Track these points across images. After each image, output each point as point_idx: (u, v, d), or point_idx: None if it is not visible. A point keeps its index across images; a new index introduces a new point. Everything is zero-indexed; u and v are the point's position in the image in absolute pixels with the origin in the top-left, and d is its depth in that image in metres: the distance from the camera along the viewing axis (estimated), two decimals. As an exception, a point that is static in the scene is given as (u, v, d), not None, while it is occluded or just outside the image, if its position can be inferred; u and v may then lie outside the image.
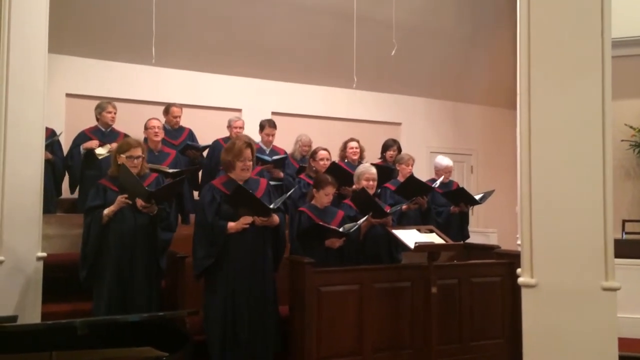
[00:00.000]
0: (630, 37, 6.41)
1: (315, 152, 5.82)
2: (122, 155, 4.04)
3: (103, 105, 5.98)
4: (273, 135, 6.38)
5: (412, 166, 6.06)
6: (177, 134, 6.41)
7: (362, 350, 4.37)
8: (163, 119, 6.43)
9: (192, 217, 5.61)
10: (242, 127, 6.45)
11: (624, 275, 3.32)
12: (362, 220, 4.59)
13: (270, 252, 4.13)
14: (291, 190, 4.88)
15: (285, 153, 6.44)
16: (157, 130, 5.70)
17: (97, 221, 3.93)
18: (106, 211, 3.93)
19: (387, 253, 4.90)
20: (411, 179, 5.71)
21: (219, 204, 4.01)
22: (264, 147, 6.25)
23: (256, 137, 5.95)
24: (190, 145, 6.09)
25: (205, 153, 6.32)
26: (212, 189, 4.09)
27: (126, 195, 3.91)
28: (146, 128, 5.76)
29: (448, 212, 5.88)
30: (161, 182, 4.25)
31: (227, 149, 4.12)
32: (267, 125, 6.38)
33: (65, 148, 5.96)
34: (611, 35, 3.08)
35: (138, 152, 4.08)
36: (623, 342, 3.27)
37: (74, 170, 5.82)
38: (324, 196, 4.67)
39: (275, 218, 4.06)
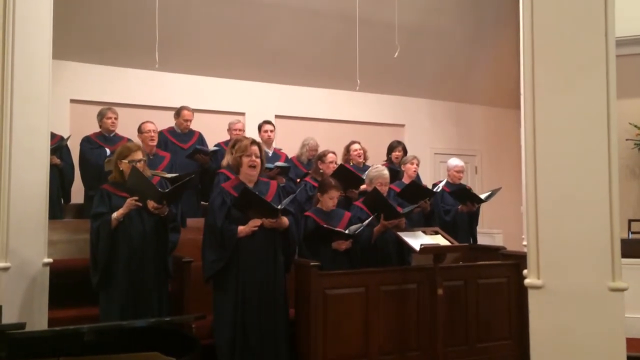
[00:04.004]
0: (634, 35, 6.39)
1: (324, 155, 5.81)
2: (123, 161, 4.05)
3: (103, 111, 6.01)
4: (272, 131, 6.43)
5: (417, 165, 6.07)
6: (186, 138, 6.42)
7: (368, 352, 4.37)
8: (173, 122, 6.44)
9: (189, 221, 5.58)
10: (241, 130, 6.48)
11: (631, 275, 3.30)
12: (367, 221, 4.59)
13: (281, 255, 4.12)
14: (297, 191, 4.88)
15: (287, 158, 6.46)
16: (152, 134, 5.69)
17: (106, 225, 3.91)
18: (115, 215, 3.91)
19: (398, 255, 4.88)
20: (413, 184, 5.72)
21: (229, 207, 4.01)
22: (266, 150, 6.25)
23: (260, 140, 5.97)
24: (198, 149, 6.10)
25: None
26: (222, 192, 4.10)
27: (136, 198, 3.91)
28: (141, 132, 5.71)
29: (456, 211, 5.89)
30: (164, 185, 4.25)
31: (232, 146, 4.16)
32: (263, 124, 6.49)
33: (73, 153, 5.98)
34: (615, 34, 3.07)
35: (139, 155, 4.08)
36: (631, 343, 3.26)
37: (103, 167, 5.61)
38: (329, 200, 4.69)
39: (285, 220, 4.06)
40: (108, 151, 5.74)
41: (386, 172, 5.00)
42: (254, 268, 3.98)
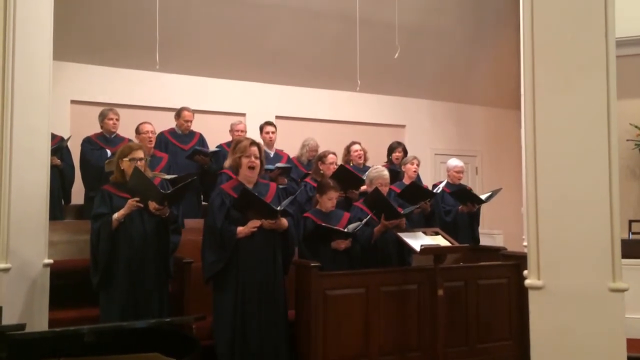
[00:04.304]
0: (634, 36, 6.39)
1: (324, 156, 5.81)
2: (124, 160, 4.05)
3: (105, 112, 6.02)
4: (273, 132, 6.43)
5: (417, 165, 6.06)
6: (187, 139, 6.42)
7: (368, 353, 4.36)
8: (174, 123, 6.44)
9: (190, 222, 5.59)
10: (244, 131, 6.47)
11: (631, 275, 3.30)
12: (365, 220, 4.59)
13: (279, 257, 4.12)
14: (297, 192, 4.88)
15: (289, 158, 6.45)
16: (150, 135, 5.68)
17: (106, 226, 3.91)
18: (116, 215, 3.91)
19: (398, 256, 4.87)
20: (413, 185, 5.72)
21: (228, 208, 4.01)
22: (268, 150, 6.25)
23: (262, 141, 5.98)
24: (198, 150, 6.10)
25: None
26: (221, 193, 4.10)
27: (137, 199, 3.91)
28: (139, 133, 5.69)
29: (456, 212, 5.88)
30: (166, 186, 4.25)
31: (233, 148, 4.16)
32: (265, 125, 6.48)
33: (73, 153, 5.98)
34: (615, 34, 3.08)
35: (140, 154, 4.09)
36: (631, 343, 3.26)
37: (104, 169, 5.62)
38: (327, 201, 4.70)
39: (284, 222, 4.06)
40: (109, 152, 5.75)
41: (386, 172, 5.00)
42: (254, 269, 3.98)
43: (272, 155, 6.30)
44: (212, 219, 4.02)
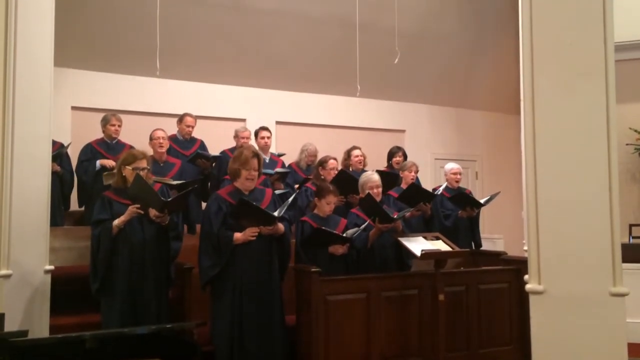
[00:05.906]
0: (633, 40, 6.42)
1: (325, 161, 5.81)
2: (127, 167, 4.05)
3: (107, 118, 6.03)
4: (269, 137, 6.44)
5: (415, 173, 6.05)
6: (188, 145, 6.43)
7: (370, 358, 4.36)
8: (175, 129, 6.46)
9: (199, 227, 5.63)
10: (249, 138, 6.48)
11: (632, 280, 3.31)
12: (364, 225, 4.59)
13: (276, 261, 4.12)
14: (292, 196, 4.87)
15: (284, 164, 6.46)
16: (162, 141, 5.73)
17: (106, 233, 3.91)
18: (116, 222, 3.91)
19: (397, 260, 4.86)
20: (413, 186, 5.72)
21: (225, 214, 4.02)
22: (263, 156, 6.23)
23: (257, 146, 6.00)
24: (200, 154, 6.10)
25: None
26: (218, 199, 4.10)
27: (138, 205, 3.92)
28: (151, 139, 5.80)
29: (456, 216, 5.87)
30: (165, 193, 4.25)
31: (235, 157, 4.17)
32: (260, 130, 6.48)
33: (73, 160, 5.99)
34: (614, 39, 3.09)
35: (143, 163, 4.08)
36: (632, 348, 3.26)
37: (86, 184, 5.81)
38: (326, 205, 4.68)
39: (281, 227, 4.06)
40: (98, 164, 5.75)
41: (376, 175, 4.95)
42: (250, 273, 3.97)
43: (267, 161, 6.31)
44: (208, 225, 4.02)
